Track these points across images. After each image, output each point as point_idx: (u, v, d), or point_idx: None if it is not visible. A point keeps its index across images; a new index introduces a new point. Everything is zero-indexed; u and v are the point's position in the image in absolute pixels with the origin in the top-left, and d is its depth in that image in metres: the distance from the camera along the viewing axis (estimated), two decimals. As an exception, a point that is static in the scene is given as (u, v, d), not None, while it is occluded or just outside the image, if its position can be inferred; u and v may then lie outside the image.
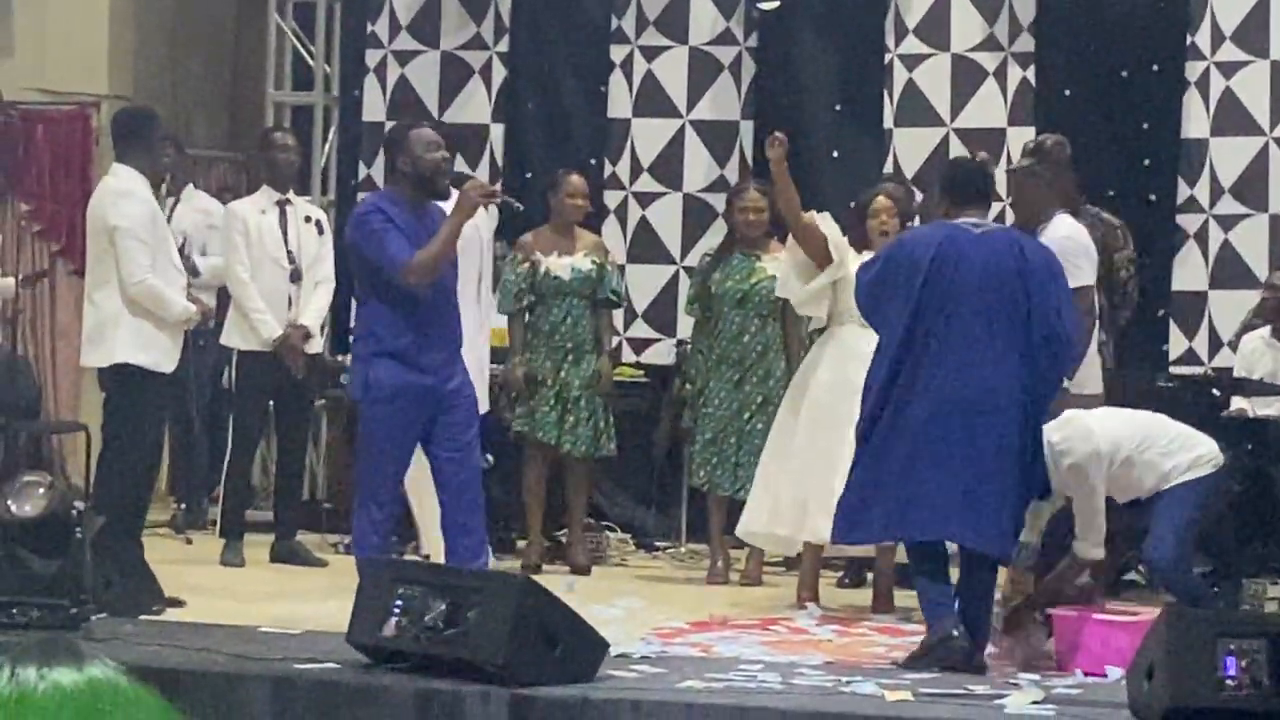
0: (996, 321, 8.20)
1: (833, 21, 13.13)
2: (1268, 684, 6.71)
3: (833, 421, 9.69)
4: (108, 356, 10.00)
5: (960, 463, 8.13)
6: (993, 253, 8.29)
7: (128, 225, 9.92)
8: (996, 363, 8.18)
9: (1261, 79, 12.58)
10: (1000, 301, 8.21)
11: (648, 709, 7.06)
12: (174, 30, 14.27)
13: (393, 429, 8.98)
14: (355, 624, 7.47)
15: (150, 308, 9.99)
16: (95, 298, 10.06)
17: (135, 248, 9.91)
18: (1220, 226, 12.64)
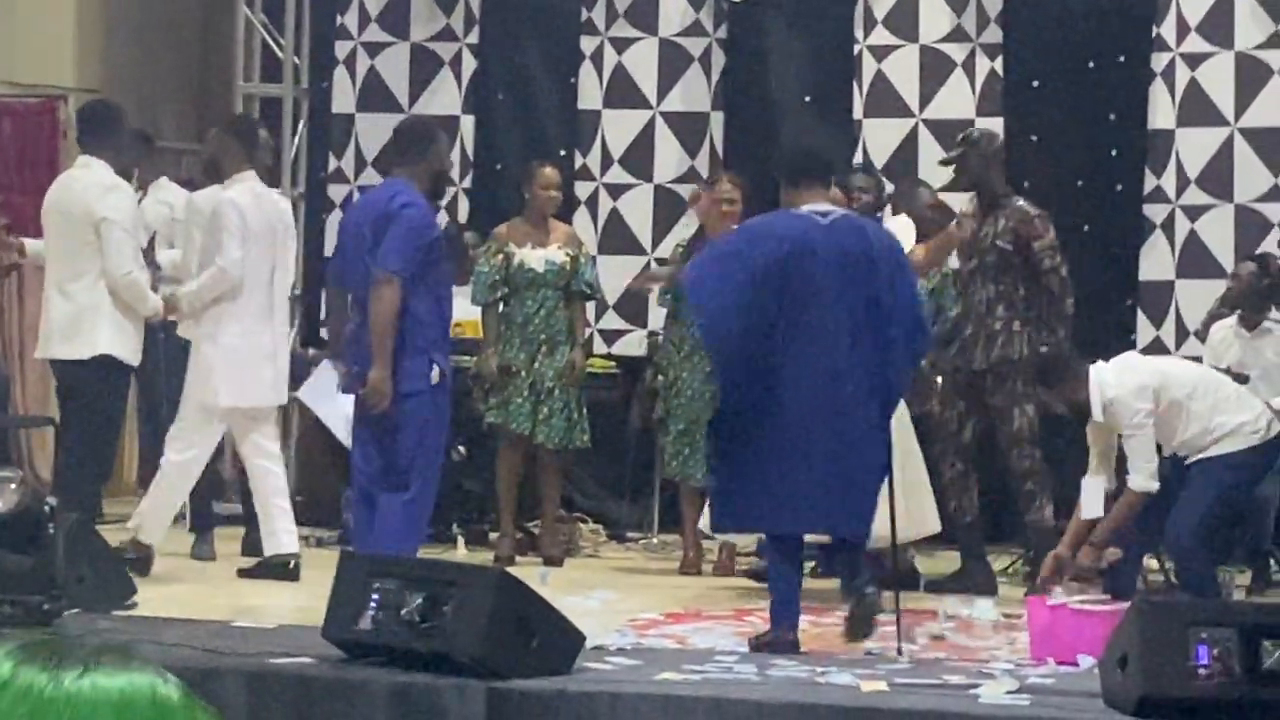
0: (853, 311, 8.26)
1: (802, 13, 13.16)
2: (1239, 673, 6.72)
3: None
4: (89, 348, 9.99)
5: (827, 453, 8.25)
6: (843, 242, 8.34)
7: (118, 218, 9.93)
8: (854, 352, 8.26)
9: (1226, 70, 12.64)
10: (854, 291, 8.26)
11: (626, 701, 7.06)
12: (142, 22, 14.24)
13: (447, 415, 9.37)
14: (331, 618, 7.46)
15: (130, 300, 10.01)
16: (70, 289, 10.03)
17: (124, 240, 9.92)
18: (1187, 216, 12.70)
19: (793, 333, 8.23)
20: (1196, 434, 9.33)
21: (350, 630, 7.36)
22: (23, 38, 13.61)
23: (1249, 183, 12.61)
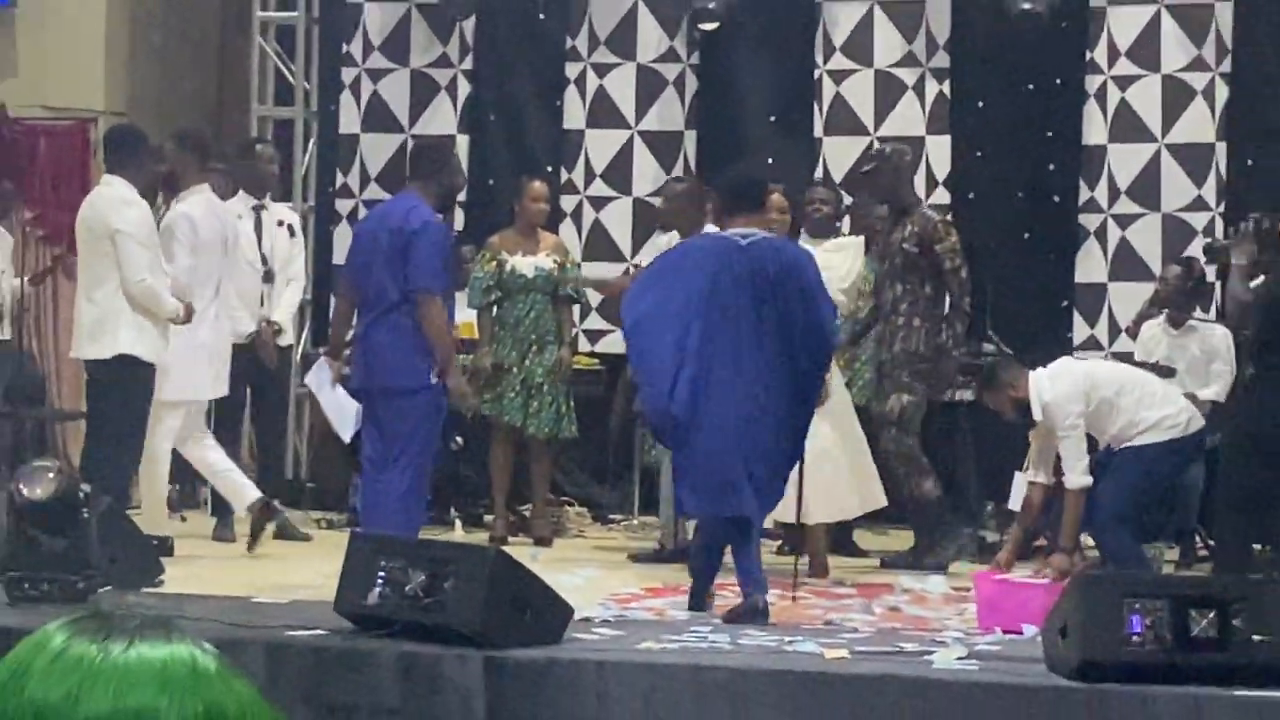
0: (763, 321, 8.47)
1: (767, 40, 13.15)
2: (1169, 640, 6.73)
3: None
4: (110, 348, 10.02)
5: (748, 446, 8.45)
6: (757, 261, 8.54)
7: (130, 229, 9.94)
8: (763, 356, 8.48)
9: (1153, 91, 12.66)
10: (764, 304, 8.47)
11: (611, 669, 7.06)
12: (165, 50, 14.21)
13: (445, 409, 9.50)
14: (342, 594, 7.46)
15: (147, 305, 10.01)
16: (94, 295, 10.07)
17: (136, 250, 9.93)
18: (1118, 225, 12.72)
19: (711, 340, 8.45)
20: (1124, 427, 9.37)
21: (359, 605, 7.35)
22: (55, 65, 13.58)
23: (1174, 194, 12.63)
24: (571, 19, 13.35)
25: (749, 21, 13.07)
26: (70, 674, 1.47)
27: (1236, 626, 6.73)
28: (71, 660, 1.48)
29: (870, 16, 12.99)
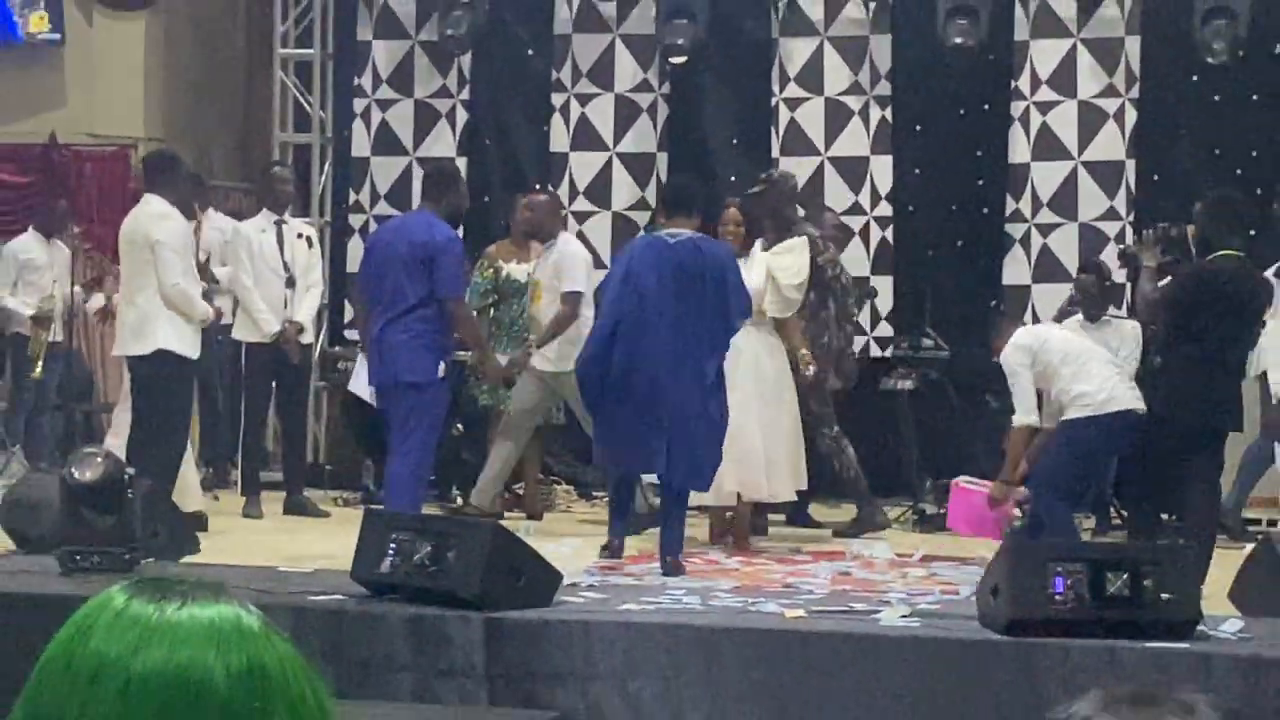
0: (683, 305, 8.83)
1: (729, 72, 13.17)
2: (1088, 598, 6.76)
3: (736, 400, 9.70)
4: (150, 344, 10.03)
5: (667, 415, 8.76)
6: (680, 255, 8.94)
7: (168, 240, 9.97)
8: (686, 337, 8.80)
9: (1070, 115, 12.70)
10: (685, 290, 8.83)
11: (596, 628, 7.06)
12: (197, 84, 14.20)
13: (448, 400, 9.75)
14: (357, 563, 7.45)
15: (180, 307, 10.02)
16: (137, 300, 10.09)
17: (173, 258, 9.95)
18: (1040, 233, 12.75)
19: (638, 323, 8.86)
20: (1058, 394, 9.36)
21: (373, 573, 7.35)
22: (101, 99, 13.57)
23: (1089, 205, 12.67)
24: (556, 54, 13.35)
25: (713, 55, 13.07)
26: (130, 630, 1.48)
27: (1146, 586, 6.76)
28: (131, 618, 1.49)
29: (821, 51, 13.00)
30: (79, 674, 1.45)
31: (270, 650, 1.50)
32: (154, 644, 1.47)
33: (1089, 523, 11.06)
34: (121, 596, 1.51)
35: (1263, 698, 6.42)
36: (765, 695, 6.89)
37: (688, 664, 6.95)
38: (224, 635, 1.49)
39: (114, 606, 1.50)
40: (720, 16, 12.99)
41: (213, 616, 1.50)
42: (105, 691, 1.44)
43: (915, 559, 9.39)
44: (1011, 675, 6.62)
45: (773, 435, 9.81)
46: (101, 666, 1.45)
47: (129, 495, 7.94)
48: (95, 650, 1.47)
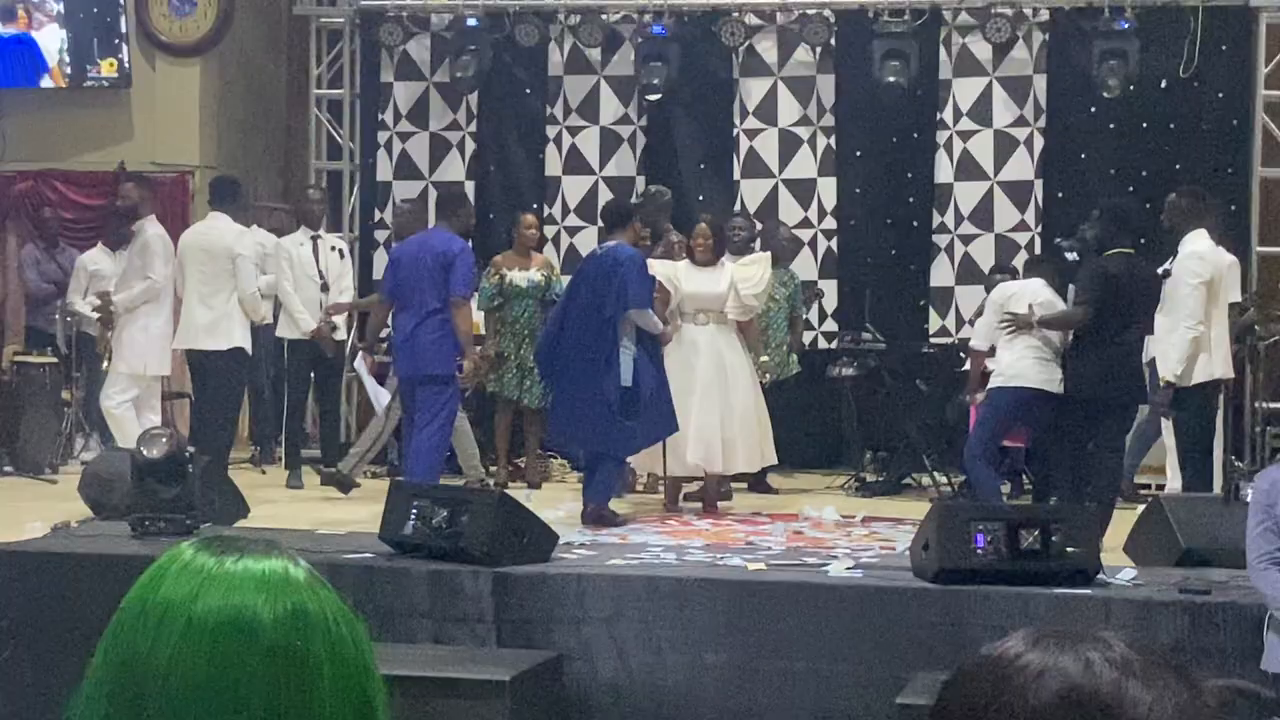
0: (599, 300, 9.23)
1: (697, 107, 13.17)
2: (1005, 552, 6.78)
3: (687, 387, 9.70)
4: (227, 342, 10.15)
5: (593, 396, 9.22)
6: (599, 261, 9.45)
7: (247, 253, 10.12)
8: (601, 327, 9.18)
9: (987, 142, 12.73)
10: (601, 290, 9.21)
11: (587, 580, 7.07)
12: (245, 119, 14.18)
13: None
14: (384, 526, 7.45)
15: (249, 310, 10.12)
16: (211, 302, 10.23)
17: (251, 270, 10.09)
18: (961, 243, 12.78)
19: (570, 319, 9.40)
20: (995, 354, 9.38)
21: (398, 534, 7.35)
22: (162, 132, 13.55)
23: (1003, 219, 12.70)
24: (550, 93, 13.34)
25: (683, 93, 13.08)
26: (192, 578, 1.49)
27: (1054, 541, 6.78)
28: (194, 568, 1.50)
29: (775, 89, 13.01)
30: (149, 616, 1.47)
31: (313, 597, 1.51)
32: (211, 590, 1.48)
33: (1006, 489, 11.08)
34: (189, 551, 1.52)
35: (1154, 634, 6.46)
36: (730, 635, 6.91)
37: (664, 609, 6.96)
38: (272, 583, 1.50)
39: (182, 559, 1.51)
40: (689, 60, 13.00)
41: (264, 568, 1.51)
42: (169, 631, 1.45)
43: (858, 520, 9.42)
44: (939, 617, 6.64)
45: (731, 417, 9.80)
46: (167, 609, 1.47)
47: (189, 469, 7.94)
48: (163, 596, 1.48)
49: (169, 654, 1.44)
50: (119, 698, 1.45)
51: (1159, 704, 1.18)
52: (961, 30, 12.72)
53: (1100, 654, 1.22)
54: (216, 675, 1.44)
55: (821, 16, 12.83)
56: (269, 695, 1.45)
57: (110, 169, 13.47)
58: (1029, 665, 1.21)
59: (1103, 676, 1.19)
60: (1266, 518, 5.56)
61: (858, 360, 11.68)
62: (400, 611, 7.08)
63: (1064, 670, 1.20)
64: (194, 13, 13.68)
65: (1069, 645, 1.23)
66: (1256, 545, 5.57)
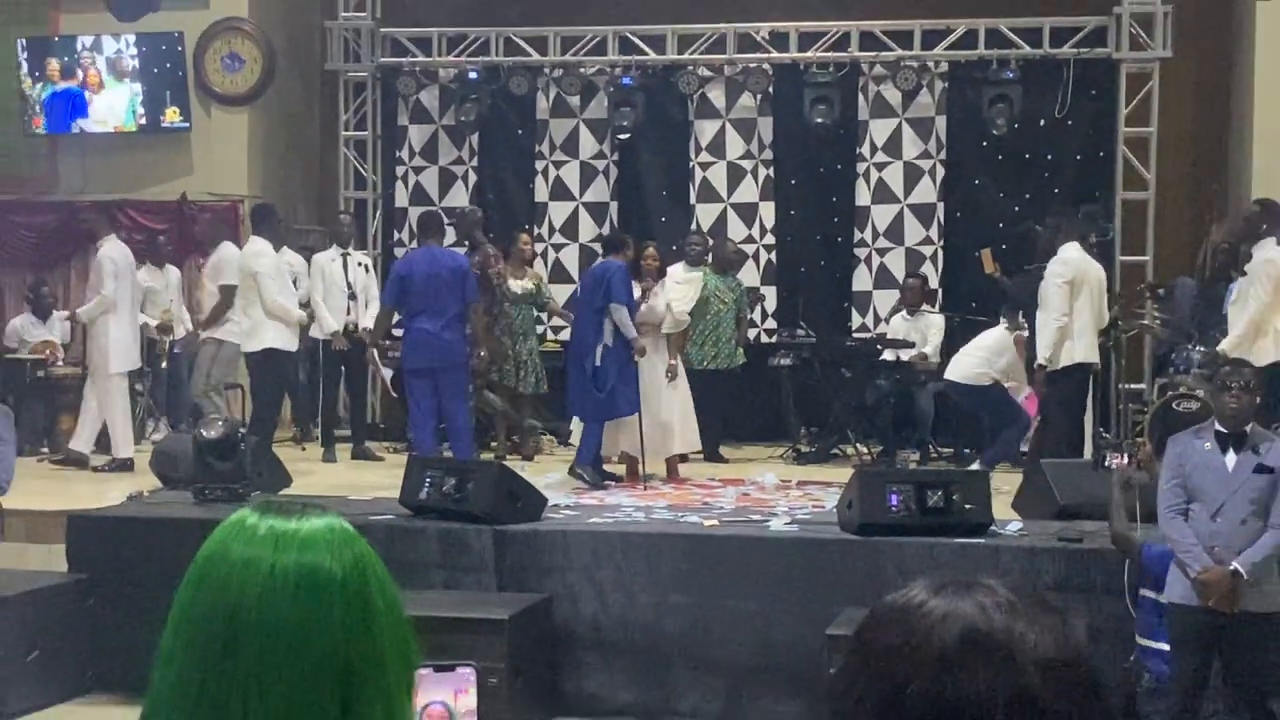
0: (591, 299, 9.37)
1: (659, 143, 13.14)
2: (914, 509, 6.81)
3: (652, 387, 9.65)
4: (259, 344, 10.03)
5: (580, 371, 9.40)
6: (594, 272, 9.63)
7: (265, 270, 9.95)
8: (590, 319, 9.36)
9: (898, 172, 12.74)
10: (593, 292, 9.37)
11: (571, 535, 7.09)
12: (285, 156, 14.11)
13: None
14: (404, 492, 7.46)
15: (279, 315, 9.99)
16: (250, 312, 10.11)
17: (270, 283, 9.94)
18: (878, 255, 12.78)
19: (578, 319, 9.73)
20: None
21: (415, 499, 7.36)
22: (217, 166, 13.48)
23: (912, 235, 12.70)
24: (538, 133, 13.30)
25: (649, 133, 13.05)
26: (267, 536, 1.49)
27: (954, 500, 6.81)
28: (265, 528, 1.50)
29: (724, 129, 12.99)
30: (234, 570, 1.46)
31: (363, 545, 1.52)
32: (288, 547, 1.48)
33: (915, 457, 11.11)
34: (254, 515, 1.52)
35: (1037, 576, 6.50)
36: (690, 580, 6.93)
37: (636, 559, 6.98)
38: (335, 539, 1.51)
39: (249, 521, 1.51)
40: (652, 106, 12.97)
41: (326, 524, 1.52)
42: (254, 582, 1.44)
43: (794, 484, 9.44)
44: (862, 563, 6.67)
45: (666, 407, 9.74)
46: (249, 563, 1.46)
47: (241, 447, 7.93)
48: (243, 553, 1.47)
49: (257, 600, 1.44)
50: (213, 641, 1.44)
51: (1042, 639, 1.19)
52: (876, 80, 12.73)
53: (991, 599, 1.23)
54: (300, 617, 1.45)
55: (762, 69, 12.83)
56: (344, 630, 1.46)
57: (174, 199, 13.42)
58: (933, 611, 1.22)
59: (995, 618, 1.20)
60: (1176, 475, 5.58)
61: (793, 352, 11.69)
62: (417, 563, 7.09)
63: (963, 614, 1.21)
64: (243, 69, 13.63)
65: (965, 592, 1.24)
66: (1166, 498, 5.59)
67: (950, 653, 1.17)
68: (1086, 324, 9.20)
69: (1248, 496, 5.47)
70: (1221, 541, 5.48)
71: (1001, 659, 1.17)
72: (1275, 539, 5.45)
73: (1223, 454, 5.53)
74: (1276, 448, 5.58)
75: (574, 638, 6.94)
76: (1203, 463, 5.53)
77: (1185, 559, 5.50)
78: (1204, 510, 5.51)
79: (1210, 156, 12.86)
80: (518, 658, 6.39)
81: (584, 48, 13.12)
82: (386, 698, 1.47)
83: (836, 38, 12.74)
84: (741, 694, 6.82)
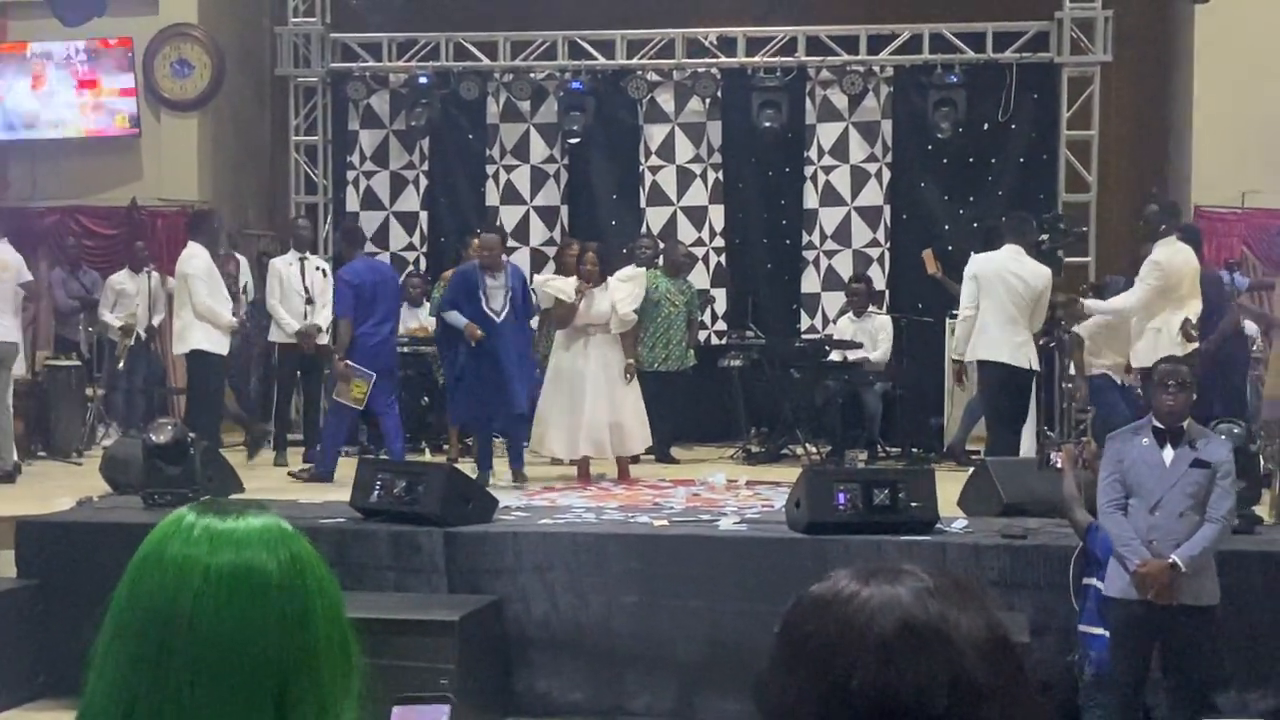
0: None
1: (609, 148, 13.14)
2: (861, 507, 6.83)
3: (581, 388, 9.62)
4: (187, 346, 10.07)
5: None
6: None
7: (193, 272, 9.95)
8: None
9: (845, 175, 12.78)
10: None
11: (522, 536, 7.06)
12: (236, 161, 14.02)
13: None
14: (354, 495, 7.41)
15: (208, 318, 9.99)
16: (181, 315, 10.12)
17: (200, 286, 9.95)
18: (826, 257, 12.82)
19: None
20: None
21: (366, 502, 7.31)
22: (167, 173, 13.39)
23: (859, 237, 12.75)
24: (489, 138, 13.26)
25: (599, 137, 13.04)
26: (203, 537, 1.47)
27: (901, 498, 6.84)
28: (202, 528, 1.48)
29: (673, 133, 12.99)
30: (167, 570, 1.45)
31: (301, 545, 1.51)
32: (224, 546, 1.47)
33: (863, 456, 11.13)
34: (191, 515, 1.50)
35: (982, 572, 6.53)
36: (640, 580, 6.92)
37: (586, 559, 6.96)
38: (272, 537, 1.49)
39: (187, 521, 1.50)
40: (602, 110, 12.97)
41: (262, 524, 1.50)
42: (189, 583, 1.43)
43: (743, 483, 9.44)
44: (810, 561, 6.68)
45: (620, 408, 9.71)
46: (184, 564, 1.45)
47: (191, 451, 7.86)
48: (178, 553, 1.46)
49: (191, 603, 1.43)
50: (145, 643, 1.43)
51: (973, 622, 1.19)
52: (823, 84, 12.77)
53: (920, 585, 1.23)
54: (235, 617, 1.44)
55: (710, 74, 12.85)
56: (279, 631, 1.45)
57: (124, 205, 13.31)
58: (868, 602, 1.21)
59: (930, 606, 1.20)
60: (1115, 471, 5.63)
61: (743, 353, 11.71)
62: (368, 565, 7.04)
63: (898, 603, 1.20)
64: (193, 75, 13.53)
65: (894, 580, 1.24)
66: (1105, 493, 5.64)
67: (891, 643, 1.17)
68: (993, 323, 8.96)
69: (1185, 491, 5.53)
70: (1160, 535, 5.53)
71: (940, 645, 1.17)
72: (1212, 532, 5.51)
73: (1160, 450, 5.58)
74: (1213, 443, 5.64)
75: (525, 638, 6.92)
76: (1140, 458, 5.59)
77: (1124, 553, 5.54)
78: (1142, 505, 5.56)
79: (1150, 159, 13.00)
80: (469, 659, 6.36)
81: (534, 52, 13.10)
82: (320, 698, 1.46)
83: (784, 43, 12.78)
84: (692, 693, 6.82)
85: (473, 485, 7.36)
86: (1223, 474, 5.55)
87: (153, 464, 7.75)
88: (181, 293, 10.08)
